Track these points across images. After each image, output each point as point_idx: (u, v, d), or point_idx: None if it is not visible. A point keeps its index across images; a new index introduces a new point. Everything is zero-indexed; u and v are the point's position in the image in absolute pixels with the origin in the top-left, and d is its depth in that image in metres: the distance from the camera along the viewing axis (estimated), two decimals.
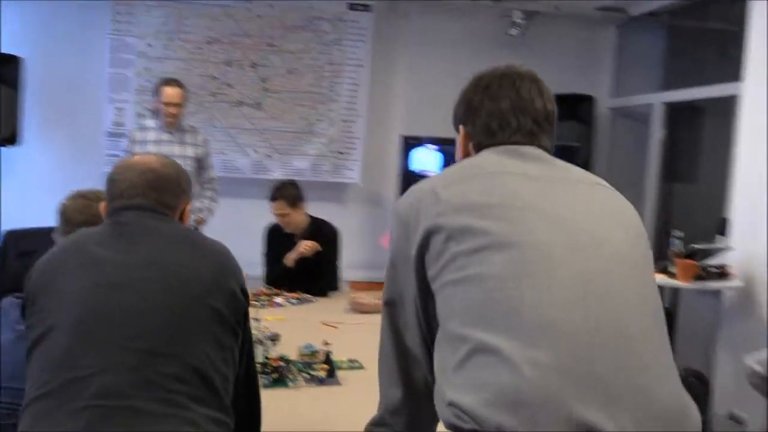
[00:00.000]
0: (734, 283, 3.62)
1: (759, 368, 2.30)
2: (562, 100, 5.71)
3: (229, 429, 1.41)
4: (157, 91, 4.20)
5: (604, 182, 1.37)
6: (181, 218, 1.64)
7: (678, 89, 5.08)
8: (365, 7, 5.38)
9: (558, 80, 5.84)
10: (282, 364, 2.46)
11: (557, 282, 1.13)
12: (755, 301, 3.56)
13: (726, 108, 4.82)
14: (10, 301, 1.92)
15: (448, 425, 1.12)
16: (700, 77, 5.00)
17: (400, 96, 5.57)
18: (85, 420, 1.27)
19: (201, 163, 4.36)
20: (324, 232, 3.92)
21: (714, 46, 5.35)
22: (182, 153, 4.26)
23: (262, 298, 3.57)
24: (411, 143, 5.32)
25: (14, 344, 1.80)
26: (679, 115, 5.29)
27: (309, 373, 2.49)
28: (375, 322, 3.41)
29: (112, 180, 1.60)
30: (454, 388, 1.10)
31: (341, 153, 5.47)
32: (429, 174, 5.28)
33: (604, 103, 5.63)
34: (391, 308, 1.32)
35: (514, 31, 5.39)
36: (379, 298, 4.00)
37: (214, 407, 1.38)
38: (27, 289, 1.47)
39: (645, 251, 1.27)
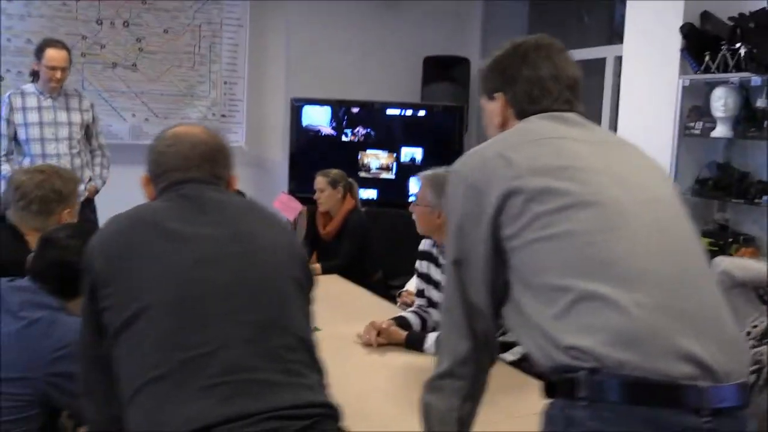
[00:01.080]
0: None
1: (739, 273, 2.33)
2: (438, 61, 5.94)
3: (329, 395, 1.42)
4: (39, 53, 3.85)
5: (628, 141, 1.52)
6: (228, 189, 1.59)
7: None
8: None
9: (432, 42, 5.93)
10: None
11: (637, 234, 1.27)
12: None
13: (588, 70, 5.23)
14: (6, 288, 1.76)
15: (560, 368, 1.22)
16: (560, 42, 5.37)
17: (282, 57, 5.50)
18: (216, 397, 1.24)
19: (89, 130, 4.10)
20: None
21: (572, 14, 5.76)
22: (68, 119, 4.00)
23: None
24: (298, 105, 5.29)
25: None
26: None
27: None
28: None
29: (160, 152, 1.51)
30: (567, 333, 1.21)
31: (224, 116, 5.33)
32: (321, 129, 5.33)
33: (477, 65, 5.88)
34: (459, 267, 1.39)
35: None
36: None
37: (319, 373, 1.40)
38: (93, 270, 1.37)
39: (680, 200, 1.44)
